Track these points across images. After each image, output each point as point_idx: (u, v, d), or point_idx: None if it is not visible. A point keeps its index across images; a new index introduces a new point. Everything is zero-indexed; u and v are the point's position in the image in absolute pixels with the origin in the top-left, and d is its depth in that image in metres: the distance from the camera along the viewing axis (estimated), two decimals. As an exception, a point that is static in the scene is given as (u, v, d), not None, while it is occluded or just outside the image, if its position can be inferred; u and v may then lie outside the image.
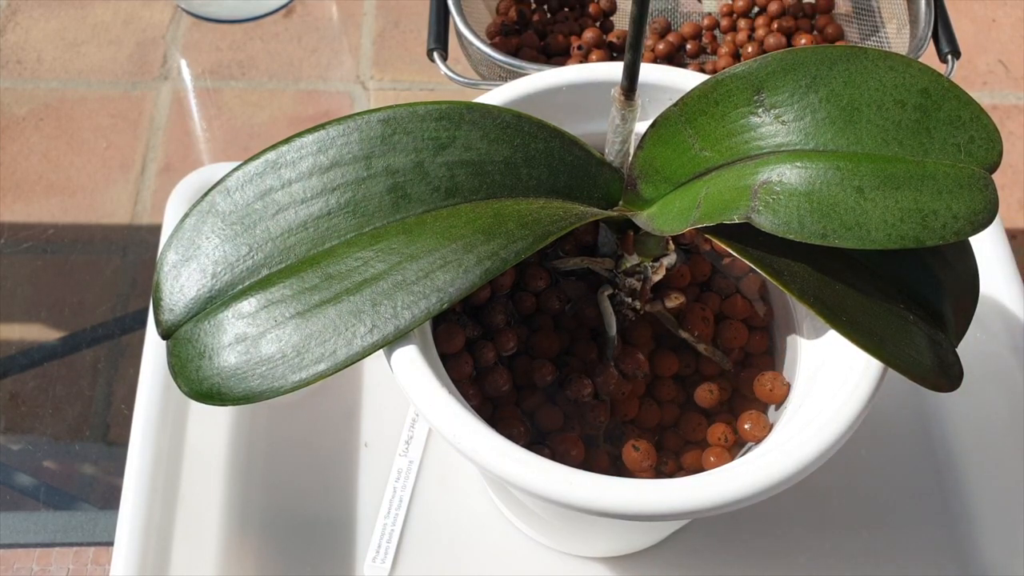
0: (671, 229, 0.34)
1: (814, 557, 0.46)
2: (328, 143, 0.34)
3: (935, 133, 0.32)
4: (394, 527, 0.46)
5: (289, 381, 0.32)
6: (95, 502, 0.63)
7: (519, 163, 0.35)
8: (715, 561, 0.45)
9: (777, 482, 0.31)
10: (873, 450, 0.48)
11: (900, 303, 0.33)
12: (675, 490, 0.31)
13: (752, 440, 0.37)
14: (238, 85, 0.80)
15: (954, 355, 0.34)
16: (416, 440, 0.48)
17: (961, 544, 0.46)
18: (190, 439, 0.48)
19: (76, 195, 0.75)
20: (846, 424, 0.32)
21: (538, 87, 0.40)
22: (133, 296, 0.70)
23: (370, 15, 0.86)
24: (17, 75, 0.81)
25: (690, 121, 0.35)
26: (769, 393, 0.38)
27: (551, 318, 0.40)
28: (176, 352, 0.33)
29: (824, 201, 0.31)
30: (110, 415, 0.65)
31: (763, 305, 0.41)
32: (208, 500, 0.46)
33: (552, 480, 0.31)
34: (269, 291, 0.33)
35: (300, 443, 0.48)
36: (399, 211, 0.34)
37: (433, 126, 0.35)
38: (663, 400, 0.39)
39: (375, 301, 0.32)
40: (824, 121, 0.33)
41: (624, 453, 0.37)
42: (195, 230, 0.34)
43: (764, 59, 0.34)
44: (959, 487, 0.47)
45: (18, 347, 0.68)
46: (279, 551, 0.45)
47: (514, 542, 0.46)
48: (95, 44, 0.83)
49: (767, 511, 0.46)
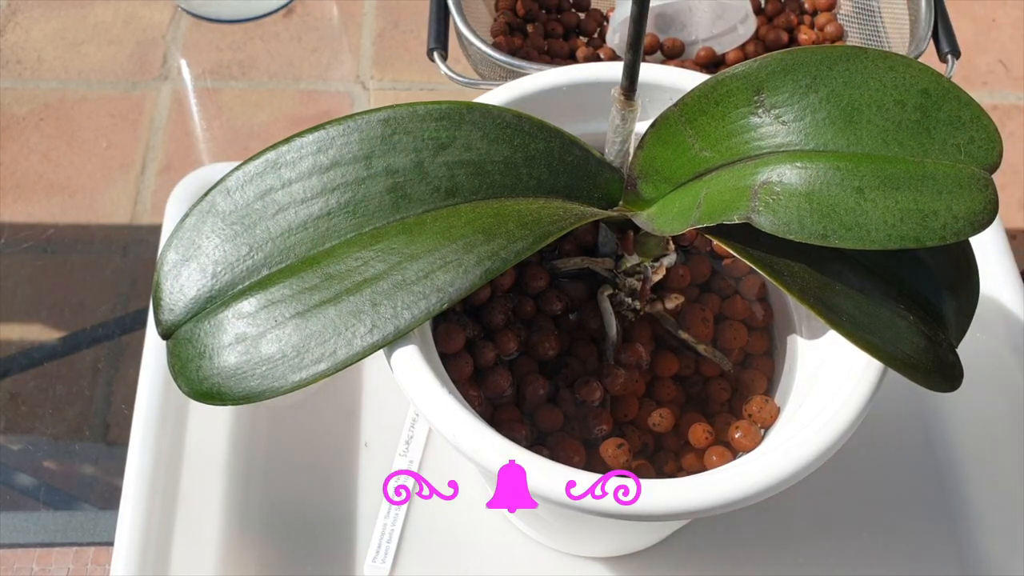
0: (671, 229, 0.34)
1: (814, 557, 0.46)
2: (328, 143, 0.34)
3: (935, 133, 0.32)
4: (394, 527, 0.46)
5: (289, 381, 0.32)
6: (95, 502, 0.62)
7: (519, 163, 0.35)
8: (715, 561, 0.45)
9: (777, 482, 0.31)
10: (873, 450, 0.48)
11: (900, 303, 0.33)
12: (675, 490, 0.31)
13: (743, 450, 0.37)
14: (238, 85, 0.80)
15: (954, 355, 0.34)
16: (416, 440, 0.48)
17: (961, 544, 0.46)
18: (190, 439, 0.48)
19: (76, 195, 0.74)
20: (846, 424, 0.32)
21: (538, 87, 0.40)
22: (133, 296, 0.70)
23: (370, 15, 0.85)
24: (17, 75, 0.81)
25: (690, 121, 0.35)
26: (757, 415, 0.38)
27: (551, 319, 0.40)
28: (176, 352, 0.33)
29: (824, 201, 0.31)
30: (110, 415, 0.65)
31: (761, 306, 0.41)
32: (208, 500, 0.46)
33: (552, 480, 0.31)
34: (269, 291, 0.33)
35: (300, 443, 0.48)
36: (399, 211, 0.34)
37: (433, 126, 0.35)
38: (663, 400, 0.39)
39: (375, 301, 0.32)
40: (824, 121, 0.33)
41: (602, 450, 0.37)
42: (195, 230, 0.34)
43: (764, 59, 0.34)
44: (959, 487, 0.47)
45: (18, 347, 0.68)
46: (279, 551, 0.45)
47: (514, 542, 0.46)
48: (95, 44, 0.83)
49: (767, 511, 0.46)
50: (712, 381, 0.39)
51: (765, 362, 0.40)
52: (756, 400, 0.38)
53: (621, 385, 0.38)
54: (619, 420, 0.38)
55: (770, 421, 0.38)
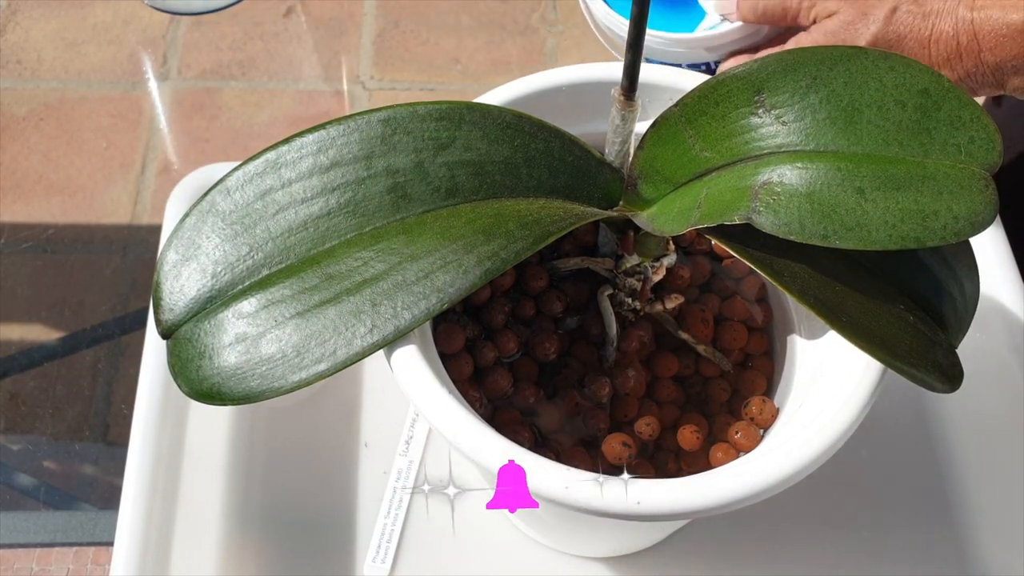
0: (671, 229, 0.34)
1: (814, 557, 0.46)
2: (328, 143, 0.34)
3: (935, 134, 0.32)
4: (394, 527, 0.46)
5: (289, 381, 0.31)
6: (95, 502, 0.63)
7: (519, 163, 0.35)
8: (715, 561, 0.45)
9: (777, 482, 0.31)
10: (873, 450, 0.48)
11: (900, 304, 0.33)
12: (675, 490, 0.31)
13: (743, 450, 0.37)
14: (238, 85, 0.80)
15: (954, 355, 0.34)
16: (416, 440, 0.48)
17: (961, 544, 0.46)
18: (190, 439, 0.47)
19: (76, 195, 0.74)
20: (846, 424, 0.32)
21: (538, 87, 0.40)
22: (133, 296, 0.70)
23: (370, 15, 0.85)
24: (17, 75, 0.81)
25: (690, 121, 0.35)
26: (757, 415, 0.38)
27: (552, 320, 0.40)
28: (176, 352, 0.33)
29: (825, 202, 0.31)
30: (110, 415, 0.65)
31: (760, 307, 0.41)
32: (208, 500, 0.46)
33: (552, 480, 0.31)
34: (269, 291, 0.33)
35: (300, 443, 0.48)
36: (399, 211, 0.34)
37: (433, 126, 0.35)
38: (663, 401, 0.39)
39: (375, 301, 0.32)
40: (824, 122, 0.33)
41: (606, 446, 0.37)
42: (195, 230, 0.34)
43: (764, 60, 0.34)
44: (959, 487, 0.47)
45: (18, 347, 0.68)
46: (279, 551, 0.45)
47: (514, 542, 0.46)
48: (95, 44, 0.83)
49: (767, 511, 0.46)
50: (712, 381, 0.39)
51: (765, 363, 0.40)
52: (755, 400, 0.38)
53: (623, 384, 0.38)
54: (619, 420, 0.38)
55: (769, 421, 0.38)
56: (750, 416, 0.38)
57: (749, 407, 0.38)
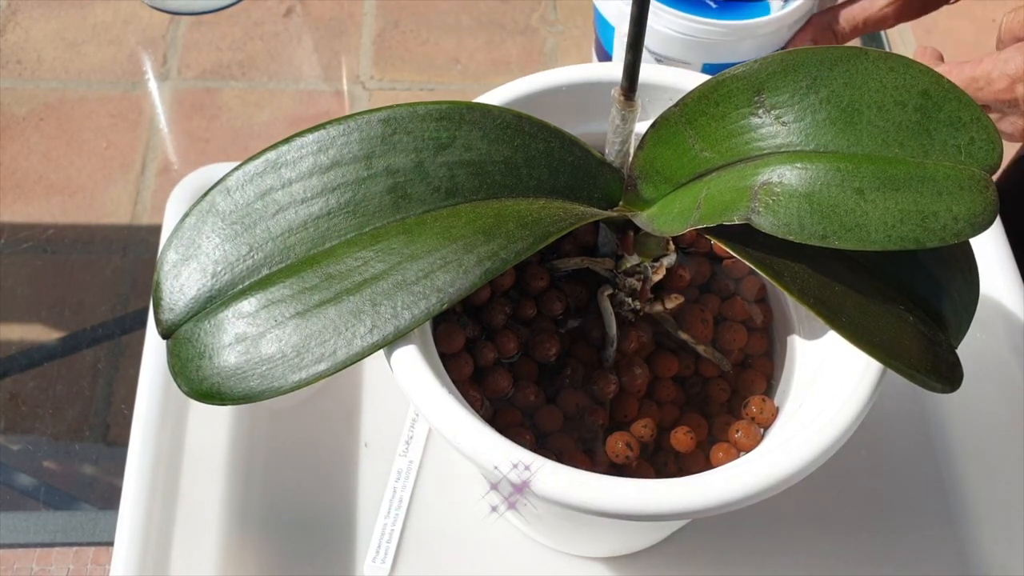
0: (671, 230, 0.34)
1: (814, 557, 0.46)
2: (328, 143, 0.34)
3: (935, 134, 0.32)
4: (394, 527, 0.46)
5: (289, 381, 0.32)
6: (95, 502, 0.63)
7: (519, 163, 0.35)
8: (715, 561, 0.45)
9: (777, 482, 0.31)
10: (873, 450, 0.48)
11: (900, 304, 0.33)
12: (675, 490, 0.31)
13: (743, 450, 0.37)
14: (238, 85, 0.80)
15: (954, 355, 0.34)
16: (416, 440, 0.48)
17: (961, 544, 0.46)
18: (190, 439, 0.47)
19: (76, 195, 0.74)
20: (846, 424, 0.32)
21: (538, 87, 0.40)
22: (133, 296, 0.70)
23: (370, 15, 0.85)
24: (17, 75, 0.81)
25: (690, 122, 0.35)
26: (757, 415, 0.38)
27: (552, 320, 0.40)
28: (176, 352, 0.33)
29: (824, 202, 0.31)
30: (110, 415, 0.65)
31: (760, 307, 0.41)
32: (208, 500, 0.46)
33: (552, 480, 0.31)
34: (269, 291, 0.33)
35: (300, 443, 0.48)
36: (399, 211, 0.34)
37: (433, 126, 0.35)
38: (663, 401, 0.39)
39: (375, 301, 0.32)
40: (824, 122, 0.33)
41: (609, 445, 0.37)
42: (195, 230, 0.34)
43: (765, 60, 0.34)
44: (959, 487, 0.47)
45: (18, 347, 0.68)
46: (279, 551, 0.45)
47: (514, 542, 0.46)
48: (95, 44, 0.83)
49: (767, 511, 0.46)
50: (711, 382, 0.39)
51: (764, 363, 0.40)
52: (755, 400, 0.38)
53: (630, 382, 0.38)
54: (619, 420, 0.38)
55: (769, 421, 0.38)
56: (750, 416, 0.38)
57: (749, 407, 0.38)
